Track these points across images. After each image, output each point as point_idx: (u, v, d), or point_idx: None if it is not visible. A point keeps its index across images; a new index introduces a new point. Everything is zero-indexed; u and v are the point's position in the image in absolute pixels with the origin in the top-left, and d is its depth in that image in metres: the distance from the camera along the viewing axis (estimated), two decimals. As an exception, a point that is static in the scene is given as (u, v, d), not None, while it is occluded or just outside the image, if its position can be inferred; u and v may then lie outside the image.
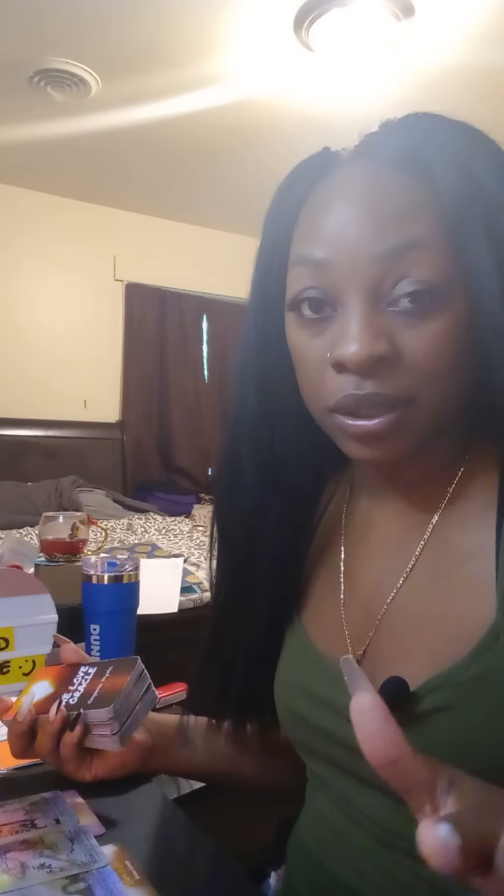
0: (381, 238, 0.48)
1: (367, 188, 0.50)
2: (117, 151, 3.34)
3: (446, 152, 0.49)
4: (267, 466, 0.61)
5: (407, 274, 0.48)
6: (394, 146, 0.51)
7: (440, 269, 0.48)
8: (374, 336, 0.48)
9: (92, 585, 0.94)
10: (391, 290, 0.48)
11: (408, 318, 0.48)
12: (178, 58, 2.57)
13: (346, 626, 0.59)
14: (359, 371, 0.48)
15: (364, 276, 0.48)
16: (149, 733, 0.69)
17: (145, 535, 2.72)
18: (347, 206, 0.50)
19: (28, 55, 2.57)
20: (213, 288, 4.35)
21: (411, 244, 0.48)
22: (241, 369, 0.61)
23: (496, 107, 2.74)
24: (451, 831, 0.25)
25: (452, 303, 0.48)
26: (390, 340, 0.48)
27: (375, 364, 0.48)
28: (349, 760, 0.56)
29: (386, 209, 0.49)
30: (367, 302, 0.49)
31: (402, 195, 0.49)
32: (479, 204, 0.48)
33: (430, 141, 0.50)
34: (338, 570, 0.63)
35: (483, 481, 0.55)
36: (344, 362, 0.48)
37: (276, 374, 0.58)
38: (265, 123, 3.04)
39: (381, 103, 2.76)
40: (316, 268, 0.51)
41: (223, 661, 0.68)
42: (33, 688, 0.68)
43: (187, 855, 0.57)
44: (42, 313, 3.87)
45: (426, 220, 0.48)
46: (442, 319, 0.48)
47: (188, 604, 1.53)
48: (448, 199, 0.48)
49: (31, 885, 0.49)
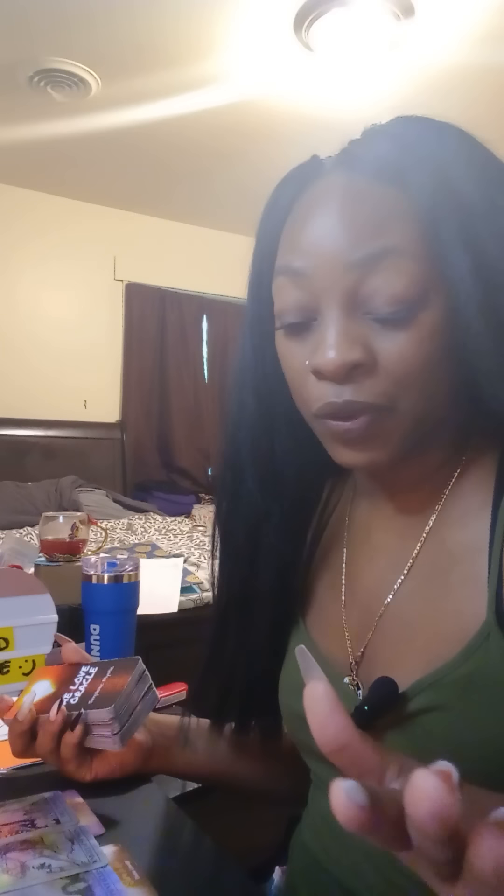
0: (355, 247, 0.49)
1: (343, 198, 0.50)
2: (117, 151, 3.34)
3: (422, 160, 0.50)
4: (267, 471, 0.62)
5: (381, 282, 0.48)
6: (372, 155, 0.51)
7: (414, 276, 0.48)
8: (350, 344, 0.49)
9: (92, 585, 0.94)
10: (368, 299, 0.49)
11: (384, 326, 0.49)
12: (177, 58, 2.57)
13: (347, 627, 0.59)
14: (335, 378, 0.49)
15: (340, 284, 0.49)
16: (149, 734, 0.69)
17: (145, 535, 2.72)
18: (324, 216, 0.51)
19: (28, 55, 2.57)
20: (213, 288, 4.35)
21: (385, 252, 0.48)
22: (240, 374, 0.62)
23: (496, 107, 2.74)
24: (356, 787, 0.26)
25: (429, 309, 0.49)
26: (366, 348, 0.49)
27: (352, 371, 0.49)
28: None
29: (361, 218, 0.49)
30: (344, 310, 0.50)
31: (378, 204, 0.49)
32: (454, 210, 0.48)
33: (407, 148, 0.51)
34: (339, 573, 0.63)
35: (479, 481, 0.55)
36: (321, 370, 0.50)
37: (273, 380, 0.59)
38: (265, 123, 3.04)
39: (380, 103, 2.76)
40: (296, 277, 0.52)
41: (225, 663, 0.68)
42: (34, 687, 0.68)
43: (187, 855, 0.57)
44: (42, 313, 3.87)
45: (401, 228, 0.49)
46: (418, 326, 0.49)
47: (188, 604, 1.53)
48: (422, 206, 0.49)
49: (30, 885, 0.49)
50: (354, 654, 0.57)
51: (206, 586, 1.64)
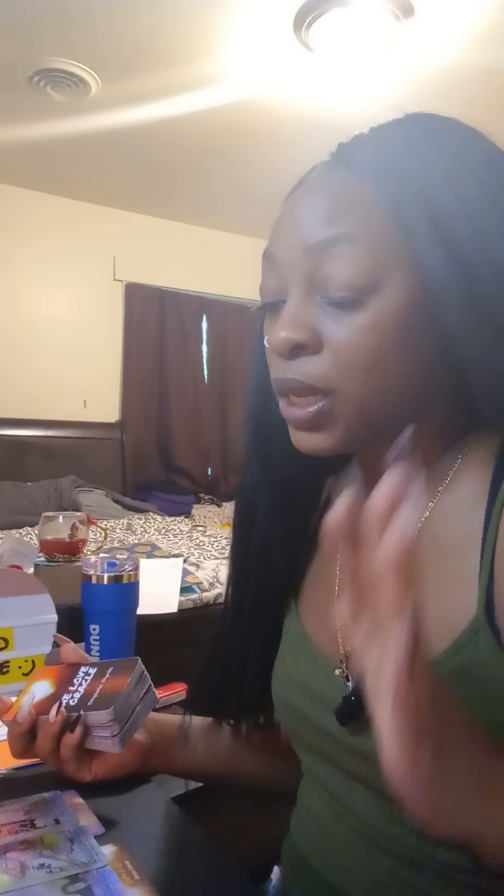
0: (312, 233, 0.51)
1: (316, 190, 0.54)
2: (117, 151, 3.34)
3: (400, 156, 0.51)
4: (263, 457, 0.64)
5: (334, 267, 0.50)
6: (356, 152, 0.54)
7: (364, 264, 0.49)
8: (297, 324, 0.51)
9: (92, 585, 0.94)
10: (323, 283, 0.51)
11: (335, 310, 0.51)
12: (177, 58, 2.57)
13: (338, 619, 0.60)
14: (281, 355, 0.52)
15: (300, 268, 0.52)
16: (149, 734, 0.70)
17: (145, 535, 2.72)
18: (298, 206, 0.54)
19: (28, 55, 2.57)
20: (212, 288, 4.36)
21: (337, 239, 0.50)
22: (251, 363, 0.65)
23: (495, 107, 2.74)
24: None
25: (380, 298, 0.50)
26: (313, 330, 0.51)
27: (296, 350, 0.52)
28: (336, 752, 0.57)
29: (322, 207, 0.52)
30: (303, 294, 0.52)
31: (340, 193, 0.52)
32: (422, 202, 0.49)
33: (388, 145, 0.53)
34: (334, 564, 0.63)
35: (475, 477, 0.55)
36: (270, 346, 0.53)
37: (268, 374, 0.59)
38: (265, 123, 3.04)
39: (380, 103, 2.75)
40: (269, 262, 0.55)
41: (223, 658, 0.69)
42: (33, 688, 0.68)
43: (187, 855, 0.57)
44: (42, 313, 3.87)
45: (361, 218, 0.50)
46: (366, 314, 0.50)
47: (188, 604, 1.53)
48: (387, 196, 0.50)
49: (30, 885, 0.49)
50: (345, 647, 0.58)
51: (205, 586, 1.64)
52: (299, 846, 0.62)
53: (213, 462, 4.39)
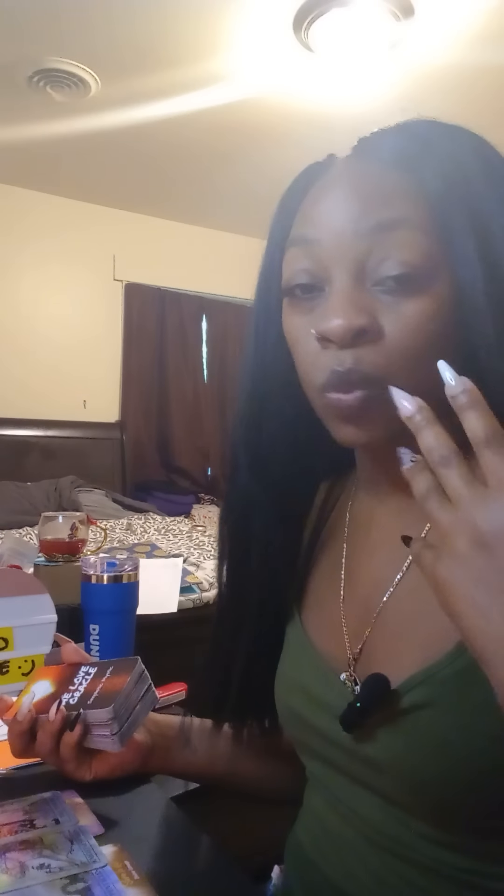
0: (365, 216, 0.50)
1: (356, 177, 0.52)
2: (116, 151, 3.34)
3: (433, 149, 0.51)
4: (256, 462, 0.62)
5: (390, 253, 0.49)
6: (385, 145, 0.53)
7: (424, 250, 0.49)
8: (356, 310, 0.49)
9: (91, 585, 0.94)
10: (376, 269, 0.50)
11: (391, 297, 0.49)
12: (177, 58, 2.57)
13: (345, 623, 0.59)
14: (341, 342, 0.49)
15: (349, 253, 0.50)
16: (149, 734, 0.69)
17: (144, 535, 2.72)
18: (337, 192, 0.52)
19: (28, 55, 2.56)
20: (212, 288, 4.35)
21: (395, 223, 0.49)
22: (242, 367, 0.63)
23: (495, 107, 2.74)
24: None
25: (436, 286, 0.49)
26: (372, 317, 0.49)
27: (356, 338, 0.49)
28: (341, 759, 0.56)
29: (371, 193, 0.50)
30: (353, 279, 0.50)
31: (389, 182, 0.51)
32: (462, 194, 0.49)
33: (418, 139, 0.52)
34: (339, 569, 0.63)
35: None
36: (326, 335, 0.50)
37: (269, 372, 0.59)
38: (264, 123, 3.04)
39: (380, 103, 2.76)
40: (307, 246, 0.52)
41: (222, 661, 0.68)
42: (34, 687, 0.68)
43: (187, 855, 0.57)
44: (42, 313, 3.87)
45: (411, 205, 0.50)
46: (424, 301, 0.49)
47: (187, 604, 1.53)
48: (432, 190, 0.50)
49: (30, 885, 0.49)
50: (352, 651, 0.57)
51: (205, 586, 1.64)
52: (305, 847, 0.62)
53: (212, 462, 4.39)
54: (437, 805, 0.49)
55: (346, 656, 0.58)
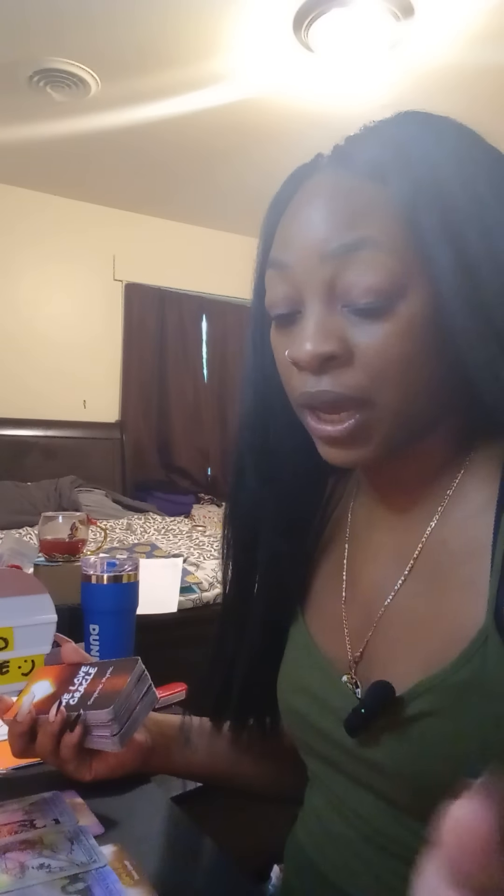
0: (331, 238, 0.49)
1: (326, 194, 0.51)
2: (116, 151, 3.34)
3: (406, 156, 0.50)
4: (263, 463, 0.62)
5: (357, 273, 0.49)
6: (360, 152, 0.52)
7: (390, 268, 0.48)
8: (325, 336, 0.49)
9: (91, 585, 0.94)
10: (345, 291, 0.49)
11: (361, 318, 0.49)
12: (177, 58, 2.57)
13: (347, 626, 0.59)
14: (310, 369, 0.50)
15: (318, 276, 0.50)
16: (149, 734, 0.69)
17: (144, 535, 2.72)
18: (308, 211, 0.52)
19: (28, 55, 2.56)
20: (212, 288, 4.35)
21: (360, 243, 0.48)
22: (244, 369, 0.63)
23: (495, 107, 2.74)
24: None
25: (407, 302, 0.49)
26: (342, 340, 0.49)
27: (326, 363, 0.50)
28: (344, 760, 0.56)
29: (339, 211, 0.50)
30: (324, 302, 0.50)
31: (357, 198, 0.50)
32: (435, 204, 0.48)
33: (392, 145, 0.51)
34: (341, 569, 0.63)
35: (483, 482, 0.54)
36: (297, 361, 0.51)
37: (270, 374, 0.59)
38: (264, 123, 3.04)
39: (380, 103, 2.75)
40: (281, 270, 0.53)
41: (225, 660, 0.68)
42: (34, 687, 0.68)
43: (187, 855, 0.57)
44: (42, 313, 3.87)
45: (379, 222, 0.49)
46: (395, 319, 0.49)
47: (187, 604, 1.53)
48: (401, 200, 0.48)
49: (30, 885, 0.49)
50: (353, 653, 0.57)
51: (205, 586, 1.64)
52: (306, 846, 0.62)
53: (212, 462, 4.39)
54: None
55: (347, 658, 0.58)
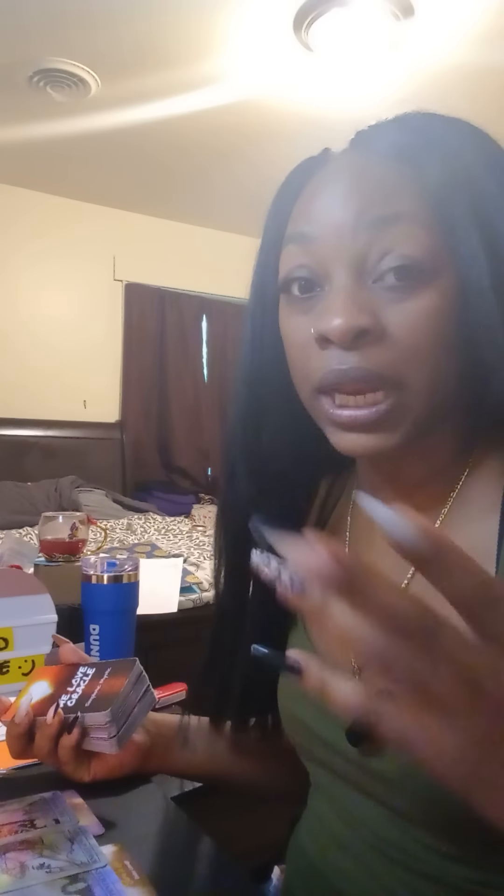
0: (365, 211, 0.48)
1: (354, 172, 0.51)
2: (117, 151, 3.34)
3: (433, 142, 0.50)
4: (255, 464, 0.61)
5: (392, 248, 0.48)
6: (383, 138, 0.52)
7: (426, 244, 0.47)
8: (358, 309, 0.47)
9: (91, 585, 0.94)
10: (376, 265, 0.48)
11: (393, 294, 0.48)
12: (177, 58, 2.57)
13: None
14: (342, 344, 0.48)
15: (349, 248, 0.48)
16: (147, 734, 0.69)
17: (145, 535, 2.72)
18: (335, 187, 0.51)
19: (28, 55, 2.56)
20: (212, 288, 4.35)
21: (396, 217, 0.48)
22: (238, 369, 0.62)
23: (496, 106, 2.74)
24: None
25: (439, 281, 0.48)
26: (375, 315, 0.48)
27: (358, 338, 0.47)
28: (347, 769, 0.55)
29: (370, 187, 0.49)
30: (353, 276, 0.49)
31: (389, 176, 0.49)
32: (465, 187, 0.48)
33: (417, 132, 0.51)
34: None
35: (487, 483, 0.54)
36: (327, 335, 0.48)
37: (266, 373, 0.58)
38: (265, 123, 3.04)
39: (381, 103, 2.75)
40: (305, 243, 0.51)
41: (223, 661, 0.68)
42: (32, 688, 0.68)
43: (187, 855, 0.57)
44: (42, 313, 3.86)
45: (412, 199, 0.48)
46: (428, 296, 0.48)
47: (188, 604, 1.53)
48: (433, 182, 0.48)
49: (30, 885, 0.49)
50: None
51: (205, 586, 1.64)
52: (309, 851, 0.62)
53: (213, 462, 4.39)
54: (446, 818, 0.49)
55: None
